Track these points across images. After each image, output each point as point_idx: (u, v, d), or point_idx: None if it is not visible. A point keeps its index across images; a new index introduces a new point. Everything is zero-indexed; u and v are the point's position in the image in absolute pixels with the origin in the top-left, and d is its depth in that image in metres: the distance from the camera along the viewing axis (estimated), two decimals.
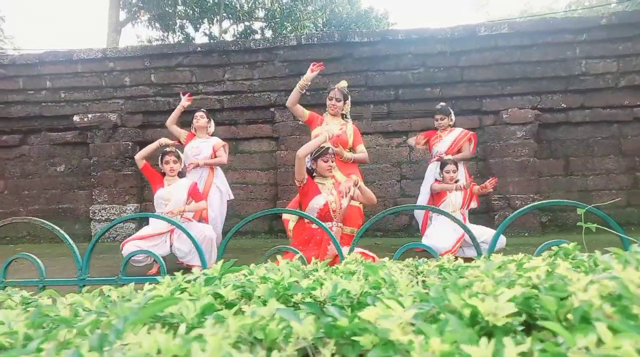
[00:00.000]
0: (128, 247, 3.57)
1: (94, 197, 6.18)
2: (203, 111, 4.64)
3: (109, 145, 6.11)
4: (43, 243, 6.36)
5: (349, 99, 3.81)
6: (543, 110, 5.78)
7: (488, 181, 4.04)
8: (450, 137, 4.62)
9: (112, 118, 6.06)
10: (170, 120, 4.65)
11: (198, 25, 14.79)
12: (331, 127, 3.59)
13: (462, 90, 5.85)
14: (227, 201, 4.71)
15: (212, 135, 4.71)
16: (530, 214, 5.62)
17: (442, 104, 4.74)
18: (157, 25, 15.11)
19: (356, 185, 3.17)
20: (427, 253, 1.79)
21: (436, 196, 4.24)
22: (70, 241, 1.68)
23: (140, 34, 26.11)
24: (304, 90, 3.78)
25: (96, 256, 5.00)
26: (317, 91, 5.95)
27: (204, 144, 4.56)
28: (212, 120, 4.69)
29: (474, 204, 4.37)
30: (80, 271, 1.63)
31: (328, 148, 3.14)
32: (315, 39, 5.85)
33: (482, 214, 5.89)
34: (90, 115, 6.08)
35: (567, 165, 5.95)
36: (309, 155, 3.23)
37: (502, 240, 3.98)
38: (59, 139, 6.37)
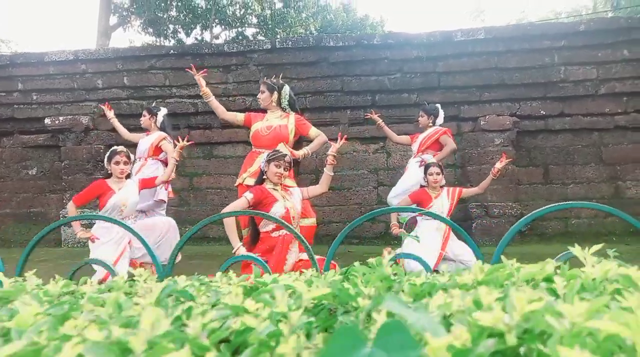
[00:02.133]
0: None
1: (64, 201, 6.05)
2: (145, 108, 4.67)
3: (81, 148, 6.00)
4: (14, 248, 6.22)
5: (284, 89, 3.66)
6: (522, 117, 5.68)
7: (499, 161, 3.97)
8: (421, 136, 4.56)
9: (84, 121, 5.96)
10: (122, 134, 4.81)
11: (190, 31, 14.76)
12: (271, 121, 3.52)
13: (439, 96, 5.73)
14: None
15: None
16: (509, 222, 5.48)
17: (434, 105, 4.70)
18: (150, 30, 15.10)
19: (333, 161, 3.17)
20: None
21: (420, 204, 4.08)
22: None
23: (133, 39, 26.12)
24: (210, 98, 3.75)
25: (57, 262, 4.88)
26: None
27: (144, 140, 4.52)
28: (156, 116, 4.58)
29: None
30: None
31: (285, 155, 3.03)
32: (290, 42, 5.76)
33: (459, 222, 5.76)
34: (61, 118, 5.98)
35: (547, 173, 5.83)
36: (264, 156, 3.16)
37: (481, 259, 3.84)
38: (31, 142, 6.27)
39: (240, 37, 15.13)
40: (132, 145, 5.35)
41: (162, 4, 13.77)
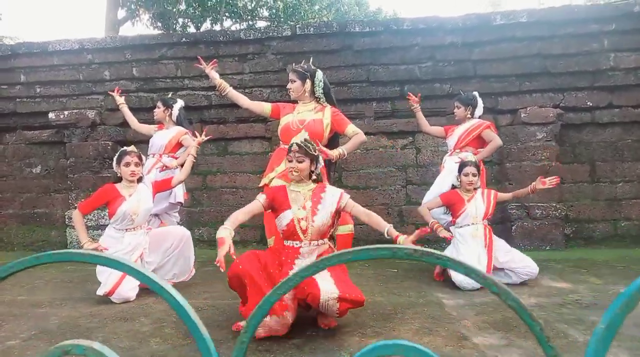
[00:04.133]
0: (124, 294, 3.04)
1: (70, 201, 5.66)
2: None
3: (87, 144, 5.60)
4: (17, 251, 5.86)
5: (317, 76, 3.15)
6: (566, 109, 5.16)
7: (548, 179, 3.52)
8: (459, 130, 4.06)
9: (90, 115, 5.55)
10: (132, 123, 4.43)
11: (199, 24, 14.34)
12: (304, 114, 3.04)
13: (475, 87, 5.23)
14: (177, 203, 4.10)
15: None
16: (553, 225, 4.99)
17: (471, 93, 4.21)
18: (159, 24, 14.71)
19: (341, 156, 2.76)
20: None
21: (452, 207, 3.64)
22: None
23: (141, 33, 25.89)
24: (227, 89, 3.32)
25: (63, 267, 4.48)
26: None
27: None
28: (171, 108, 4.22)
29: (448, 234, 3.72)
30: None
31: (294, 143, 2.46)
32: (312, 28, 5.29)
33: (498, 224, 5.27)
34: (66, 112, 5.58)
35: (593, 170, 5.31)
36: None
37: (534, 267, 3.38)
38: (35, 138, 5.88)
39: (235, 30, 14.68)
40: (141, 141, 4.97)
41: None
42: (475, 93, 4.20)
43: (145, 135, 5.18)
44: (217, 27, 14.52)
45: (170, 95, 4.83)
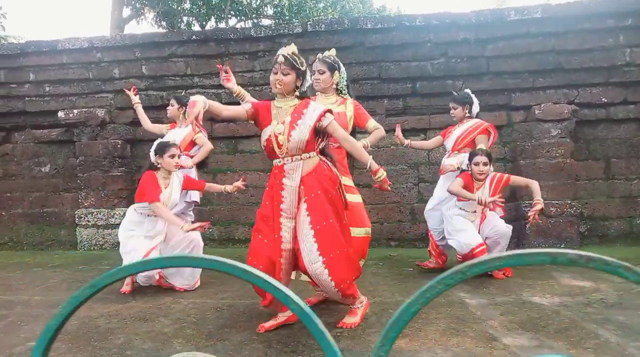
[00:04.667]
0: (149, 273, 3.22)
1: (80, 200, 5.64)
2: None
3: (97, 143, 5.57)
4: (27, 250, 5.84)
5: (340, 68, 3.06)
6: (581, 105, 5.10)
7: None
8: (457, 131, 3.90)
9: (100, 114, 5.52)
10: (144, 123, 4.38)
11: (204, 23, 14.30)
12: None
13: (488, 83, 5.19)
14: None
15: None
16: (567, 222, 4.93)
17: (463, 91, 4.06)
18: (163, 23, 14.67)
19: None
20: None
21: (466, 188, 3.63)
22: None
23: (146, 31, 25.88)
24: (244, 100, 3.02)
25: (75, 267, 4.45)
26: None
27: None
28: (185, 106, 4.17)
29: (499, 212, 3.75)
30: None
31: (279, 55, 2.37)
32: (323, 25, 5.24)
33: (512, 222, 5.20)
34: (76, 111, 5.55)
35: (608, 167, 5.25)
36: None
37: (503, 228, 3.58)
38: (44, 137, 5.85)
39: (245, 27, 14.64)
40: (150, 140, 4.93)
41: None
42: (468, 90, 4.09)
43: (155, 135, 5.16)
44: (222, 26, 14.48)
45: (182, 93, 4.79)
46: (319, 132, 2.39)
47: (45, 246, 5.82)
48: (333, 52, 3.10)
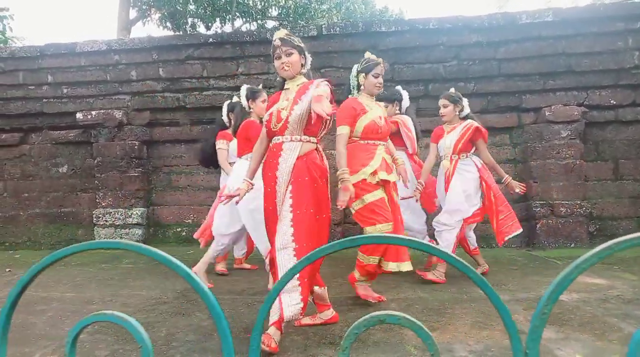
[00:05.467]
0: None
1: (97, 200, 5.73)
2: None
3: (114, 144, 5.67)
4: (44, 250, 5.93)
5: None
6: (590, 107, 5.21)
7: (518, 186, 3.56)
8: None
9: (117, 115, 5.61)
10: (225, 167, 3.93)
11: (210, 24, 14.39)
12: (376, 110, 2.90)
13: (499, 85, 5.30)
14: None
15: None
16: (577, 222, 5.04)
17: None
18: (168, 24, 14.76)
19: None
20: None
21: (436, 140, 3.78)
22: None
23: (151, 32, 25.90)
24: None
25: (98, 266, 4.55)
26: (338, 86, 5.44)
27: None
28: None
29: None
30: None
31: (276, 39, 2.32)
32: (338, 28, 5.34)
33: (522, 222, 5.31)
34: (94, 112, 5.65)
35: (617, 168, 5.35)
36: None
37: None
38: (61, 138, 5.95)
39: (261, 30, 14.72)
40: (166, 141, 4.99)
41: None
42: (398, 87, 4.05)
43: (172, 136, 5.25)
44: (228, 27, 14.58)
45: (198, 95, 4.87)
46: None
47: (63, 245, 5.90)
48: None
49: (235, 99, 3.78)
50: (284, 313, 2.06)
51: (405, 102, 3.94)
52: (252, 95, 3.34)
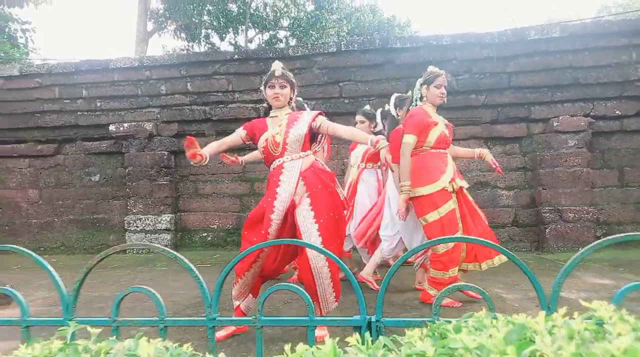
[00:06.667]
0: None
1: (128, 207, 6.08)
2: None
3: (144, 154, 6.02)
4: (77, 254, 6.28)
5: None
6: (596, 117, 5.48)
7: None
8: (362, 148, 3.79)
9: (147, 127, 5.97)
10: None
11: (224, 35, 14.83)
12: (437, 118, 3.12)
13: (509, 97, 5.59)
14: None
15: None
16: (585, 227, 5.30)
17: (367, 107, 4.02)
18: (183, 35, 15.22)
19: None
20: None
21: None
22: (55, 276, 1.26)
23: (166, 44, 26.43)
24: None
25: (135, 268, 4.87)
26: (356, 98, 5.77)
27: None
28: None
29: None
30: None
31: (275, 70, 2.52)
32: (356, 44, 5.67)
33: (532, 227, 5.60)
34: (125, 125, 6.01)
35: (622, 176, 5.61)
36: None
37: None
38: (94, 149, 6.32)
39: (273, 40, 15.14)
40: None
41: (197, 9, 13.85)
42: (367, 106, 4.14)
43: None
44: (241, 38, 15.00)
45: (224, 108, 5.19)
46: (314, 136, 2.58)
47: (96, 250, 6.26)
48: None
49: (386, 107, 3.78)
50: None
51: (379, 126, 3.92)
52: (400, 104, 3.40)
